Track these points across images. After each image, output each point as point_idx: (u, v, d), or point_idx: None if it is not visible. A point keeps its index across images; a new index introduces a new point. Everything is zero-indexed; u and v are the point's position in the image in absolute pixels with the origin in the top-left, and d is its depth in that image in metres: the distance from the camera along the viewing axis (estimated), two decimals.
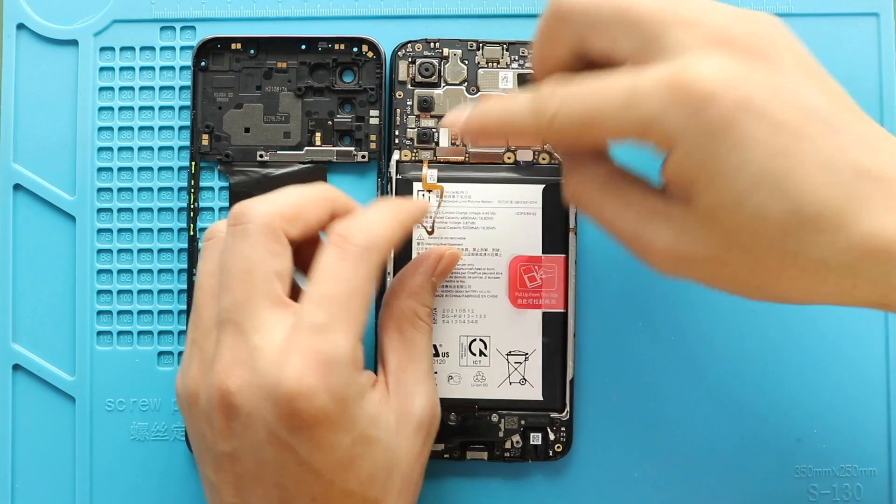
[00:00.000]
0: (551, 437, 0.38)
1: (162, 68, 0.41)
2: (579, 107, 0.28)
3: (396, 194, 0.39)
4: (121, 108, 0.40)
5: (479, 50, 0.40)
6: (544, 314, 0.38)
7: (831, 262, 0.27)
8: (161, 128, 0.40)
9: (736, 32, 0.28)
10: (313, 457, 0.29)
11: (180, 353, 0.40)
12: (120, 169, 0.40)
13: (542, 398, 0.38)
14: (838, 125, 0.27)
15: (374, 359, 0.36)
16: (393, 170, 0.39)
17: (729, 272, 0.29)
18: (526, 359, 0.38)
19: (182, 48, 0.41)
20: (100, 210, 0.40)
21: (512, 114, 0.30)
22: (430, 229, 0.39)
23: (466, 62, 0.40)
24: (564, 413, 0.38)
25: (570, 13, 0.29)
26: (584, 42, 0.29)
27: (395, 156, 0.39)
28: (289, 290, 0.31)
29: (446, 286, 0.38)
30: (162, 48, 0.41)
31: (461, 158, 0.39)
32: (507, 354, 0.38)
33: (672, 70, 0.27)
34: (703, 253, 0.28)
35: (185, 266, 0.40)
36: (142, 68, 0.41)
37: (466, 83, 0.40)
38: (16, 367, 0.40)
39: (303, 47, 0.40)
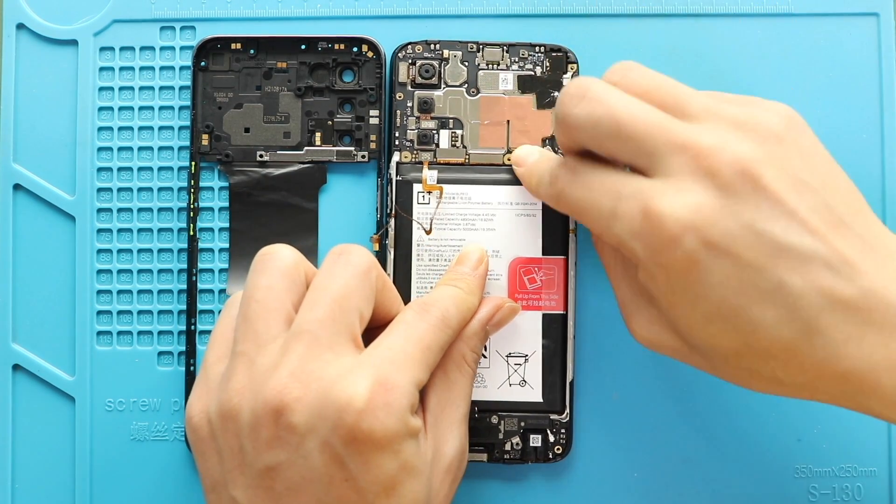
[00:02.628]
0: (551, 438, 0.38)
1: (162, 68, 0.41)
2: (577, 197, 0.32)
3: (396, 196, 0.39)
4: (121, 108, 0.40)
5: (479, 52, 0.40)
6: (544, 316, 0.38)
7: (785, 380, 0.29)
8: (161, 128, 0.40)
9: (724, 160, 0.28)
10: (360, 474, 0.29)
11: (181, 354, 0.40)
12: (120, 169, 0.40)
13: (541, 400, 0.38)
14: (819, 251, 0.28)
15: None
16: (393, 171, 0.39)
17: (695, 363, 0.32)
18: (526, 360, 0.38)
19: (182, 48, 0.41)
20: (100, 210, 0.40)
21: (535, 178, 0.36)
22: (428, 229, 0.39)
23: (467, 64, 0.40)
24: (564, 415, 0.38)
25: (573, 125, 0.31)
26: (589, 145, 0.31)
27: (395, 157, 0.39)
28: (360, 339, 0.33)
29: None
30: (162, 48, 0.41)
31: (461, 160, 0.39)
32: (507, 356, 0.38)
33: (647, 199, 0.29)
34: (670, 343, 0.32)
35: (184, 266, 0.40)
36: (142, 68, 0.41)
37: (467, 85, 0.40)
38: (16, 367, 0.40)
39: (303, 47, 0.40)
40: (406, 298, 0.38)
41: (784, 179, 0.28)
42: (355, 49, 0.40)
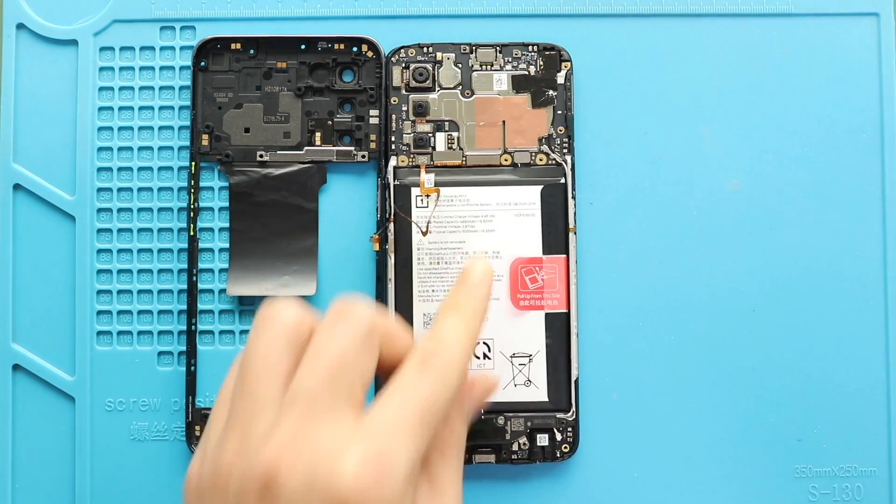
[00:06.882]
0: (558, 437, 0.38)
1: (162, 68, 0.41)
2: None
3: (395, 200, 0.39)
4: (121, 108, 0.40)
5: (472, 53, 0.40)
6: (547, 315, 0.38)
7: None
8: (161, 128, 0.40)
9: None
10: None
11: (181, 354, 0.40)
12: (120, 169, 0.40)
13: (547, 399, 0.38)
14: None
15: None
16: (391, 176, 0.39)
17: None
18: (530, 360, 0.38)
19: (182, 48, 0.41)
20: (100, 210, 0.40)
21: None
22: (425, 230, 0.39)
23: (460, 66, 0.40)
24: (570, 413, 0.38)
25: None
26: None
27: (392, 161, 0.39)
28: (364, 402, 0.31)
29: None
30: (162, 48, 0.41)
31: (458, 162, 0.39)
32: (512, 356, 0.38)
33: None
34: None
35: (184, 266, 0.40)
36: (142, 68, 0.41)
37: (461, 87, 0.40)
38: (16, 367, 0.40)
39: (302, 47, 0.40)
40: (408, 302, 0.38)
41: None
42: (355, 49, 0.40)
